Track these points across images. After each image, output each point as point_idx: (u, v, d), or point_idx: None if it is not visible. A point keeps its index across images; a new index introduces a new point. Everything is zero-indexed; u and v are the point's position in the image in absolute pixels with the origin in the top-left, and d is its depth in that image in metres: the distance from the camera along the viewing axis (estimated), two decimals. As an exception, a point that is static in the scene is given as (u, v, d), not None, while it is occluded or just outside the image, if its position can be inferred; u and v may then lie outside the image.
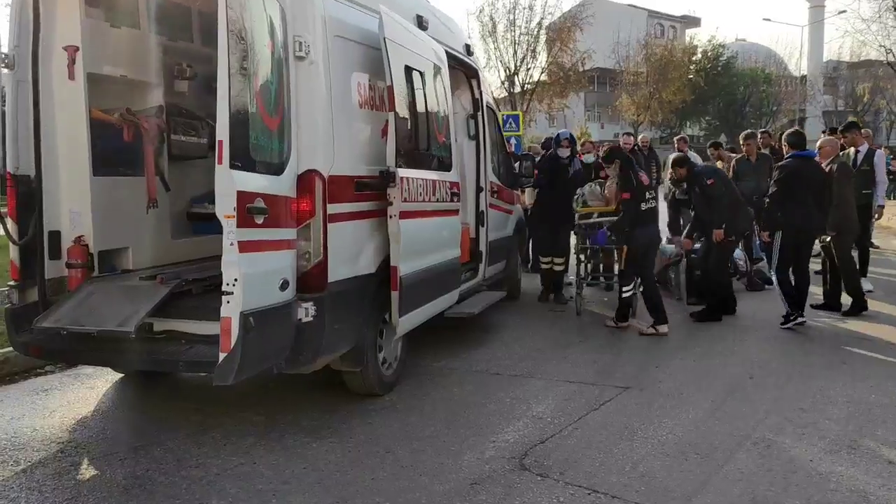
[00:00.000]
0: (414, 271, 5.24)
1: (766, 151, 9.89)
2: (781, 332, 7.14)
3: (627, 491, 3.82)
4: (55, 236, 4.97)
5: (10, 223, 4.78)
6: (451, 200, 6.17)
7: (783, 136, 7.98)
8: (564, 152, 8.63)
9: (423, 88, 5.55)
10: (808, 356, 6.33)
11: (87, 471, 4.17)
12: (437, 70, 5.96)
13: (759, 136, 9.98)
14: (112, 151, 5.23)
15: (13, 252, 4.83)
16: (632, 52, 46.66)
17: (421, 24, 6.05)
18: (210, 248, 6.25)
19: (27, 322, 4.76)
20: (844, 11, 54.10)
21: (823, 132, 9.70)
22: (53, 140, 4.90)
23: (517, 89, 35.77)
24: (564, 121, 43.98)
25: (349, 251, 4.79)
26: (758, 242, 8.88)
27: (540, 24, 36.73)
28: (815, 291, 7.99)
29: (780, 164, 7.55)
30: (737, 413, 4.97)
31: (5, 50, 4.68)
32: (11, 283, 4.85)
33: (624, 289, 7.32)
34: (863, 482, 3.91)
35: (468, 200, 7.47)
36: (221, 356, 3.71)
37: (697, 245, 8.27)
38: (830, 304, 7.91)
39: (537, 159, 9.23)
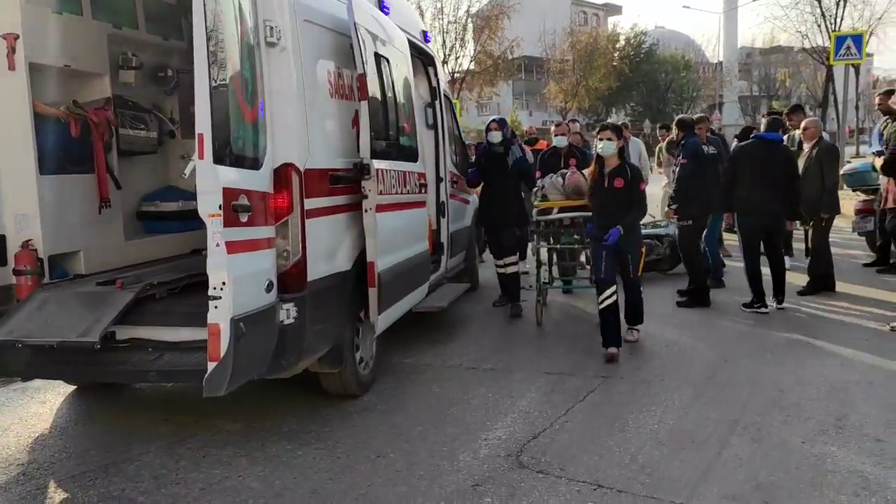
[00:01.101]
0: (389, 266, 5.06)
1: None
2: (745, 314, 7.23)
3: (633, 484, 3.75)
4: (0, 241, 4.56)
5: (-51, 228, 4.36)
6: (420, 192, 6.00)
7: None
8: (495, 136, 7.42)
9: (391, 76, 5.35)
10: (774, 337, 6.42)
11: (55, 494, 3.83)
12: (401, 57, 5.76)
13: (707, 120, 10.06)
14: (59, 148, 4.81)
15: (-46, 259, 4.41)
16: (558, 41, 47.20)
17: (382, 8, 5.83)
18: (163, 249, 5.94)
19: (-28, 334, 4.35)
20: (759, -1, 56.06)
21: (767, 114, 9.82)
22: (-6, 137, 4.49)
23: (447, 78, 35.69)
24: (498, 108, 44.17)
25: (326, 248, 4.56)
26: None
27: (468, 12, 36.82)
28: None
29: (736, 147, 7.61)
30: (720, 398, 4.98)
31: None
32: (-47, 292, 4.43)
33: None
34: (857, 461, 3.94)
35: (429, 191, 7.28)
36: (211, 366, 3.44)
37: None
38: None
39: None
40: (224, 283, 3.42)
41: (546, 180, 7.30)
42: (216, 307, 3.42)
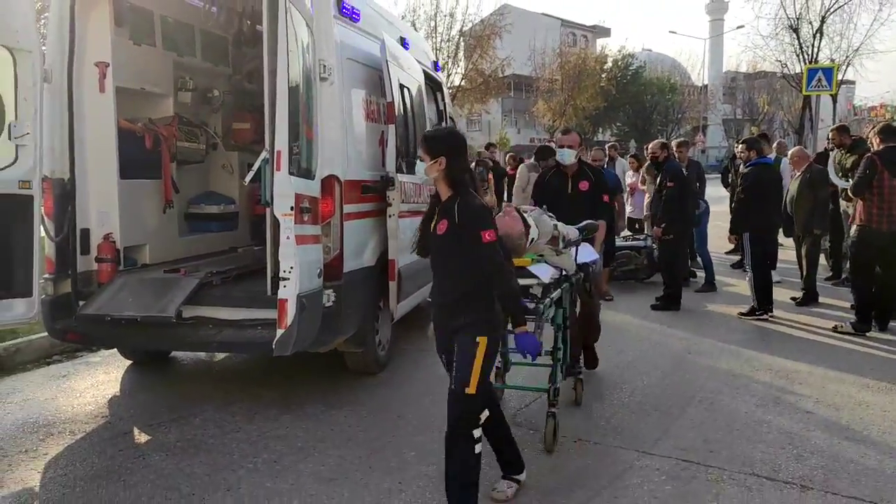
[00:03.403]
0: (406, 264, 5.99)
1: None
2: (710, 315, 8.24)
3: (606, 438, 4.70)
4: (86, 234, 5.47)
5: (47, 222, 5.25)
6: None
7: (745, 141, 8.75)
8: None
9: (411, 102, 6.32)
10: (733, 335, 7.41)
11: (141, 436, 4.75)
12: (418, 85, 6.73)
13: (691, 143, 11.04)
14: (135, 157, 5.76)
15: (49, 248, 5.30)
16: (547, 60, 48.46)
17: (404, 44, 6.81)
18: (206, 246, 6.86)
19: (62, 311, 5.26)
20: (742, 26, 57.60)
21: (755, 135, 10.68)
22: (85, 147, 5.41)
23: (443, 96, 36.61)
24: (488, 126, 45.23)
25: (357, 246, 5.50)
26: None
27: (461, 31, 37.92)
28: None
29: (744, 171, 8.29)
30: (682, 380, 5.95)
31: (46, 66, 5.15)
32: (47, 275, 5.31)
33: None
34: (788, 426, 4.91)
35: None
36: (280, 332, 4.38)
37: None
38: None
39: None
40: (292, 268, 4.36)
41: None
42: (285, 286, 4.37)
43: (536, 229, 4.29)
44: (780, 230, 8.79)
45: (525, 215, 4.24)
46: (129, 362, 6.29)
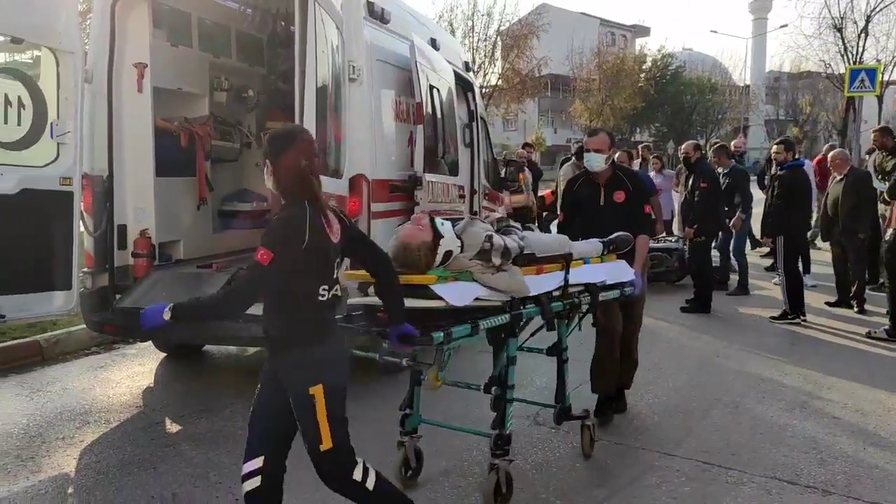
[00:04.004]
0: (434, 262, 6.05)
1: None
2: (741, 319, 8.18)
3: (628, 439, 4.72)
4: (123, 229, 5.64)
5: (86, 217, 5.43)
6: (459, 201, 7.01)
7: (782, 141, 8.55)
8: None
9: (441, 103, 6.39)
10: (763, 339, 7.34)
11: (172, 426, 4.90)
12: (448, 86, 6.80)
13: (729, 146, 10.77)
14: (171, 155, 5.92)
15: (88, 243, 5.49)
16: (585, 60, 48.20)
17: (434, 45, 6.88)
18: (238, 242, 7.00)
19: (99, 304, 5.43)
20: (786, 25, 56.68)
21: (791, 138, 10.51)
22: (123, 145, 5.58)
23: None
24: (524, 125, 45.13)
25: (384, 244, 5.56)
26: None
27: (498, 30, 37.92)
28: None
29: (780, 173, 8.18)
30: (708, 382, 5.93)
31: (87, 66, 5.33)
32: (86, 269, 5.49)
33: None
34: (812, 431, 4.87)
35: (465, 202, 8.30)
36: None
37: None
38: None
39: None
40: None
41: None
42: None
43: (458, 241, 3.52)
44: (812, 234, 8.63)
45: (440, 224, 3.52)
46: (163, 355, 6.47)
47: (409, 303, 3.22)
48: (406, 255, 3.41)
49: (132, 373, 6.05)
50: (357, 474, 2.98)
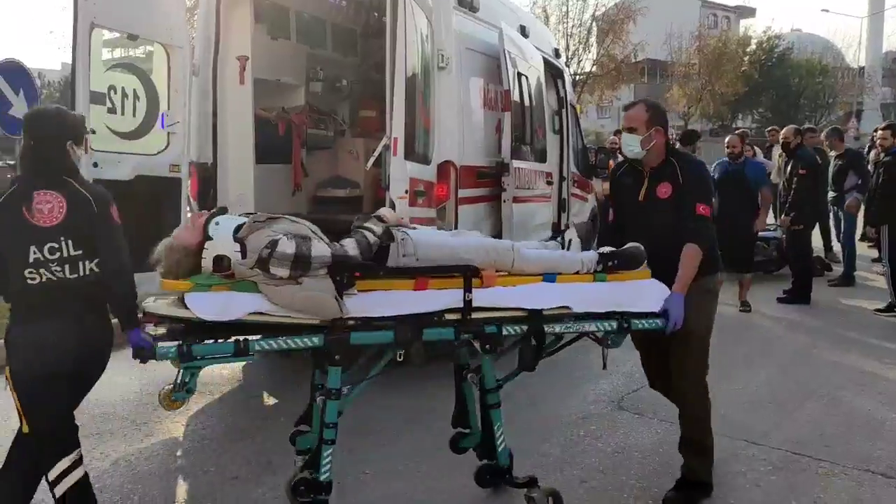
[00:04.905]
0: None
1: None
2: (843, 310, 7.87)
3: (713, 426, 4.65)
4: (223, 213, 5.96)
5: (192, 202, 5.78)
6: (547, 188, 7.04)
7: (890, 126, 8.09)
8: None
9: (529, 90, 6.43)
10: (865, 331, 7.06)
11: (269, 399, 5.26)
12: (537, 74, 6.83)
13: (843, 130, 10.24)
14: (270, 144, 6.22)
15: (194, 227, 5.84)
16: (685, 44, 46.70)
17: (524, 32, 6.92)
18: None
19: (204, 284, 5.78)
20: (905, 3, 52.95)
21: None
22: (226, 134, 5.90)
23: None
24: (618, 113, 44.13)
25: (472, 229, 5.68)
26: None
27: (593, 15, 37.29)
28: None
29: (886, 160, 7.82)
30: (802, 374, 5.76)
31: (194, 60, 5.67)
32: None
33: None
34: (914, 426, 4.69)
35: (554, 188, 8.31)
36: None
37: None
38: None
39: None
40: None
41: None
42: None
43: (233, 247, 2.98)
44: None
45: (215, 225, 3.14)
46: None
47: (170, 311, 2.96)
48: (167, 259, 3.08)
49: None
50: (56, 471, 2.93)
